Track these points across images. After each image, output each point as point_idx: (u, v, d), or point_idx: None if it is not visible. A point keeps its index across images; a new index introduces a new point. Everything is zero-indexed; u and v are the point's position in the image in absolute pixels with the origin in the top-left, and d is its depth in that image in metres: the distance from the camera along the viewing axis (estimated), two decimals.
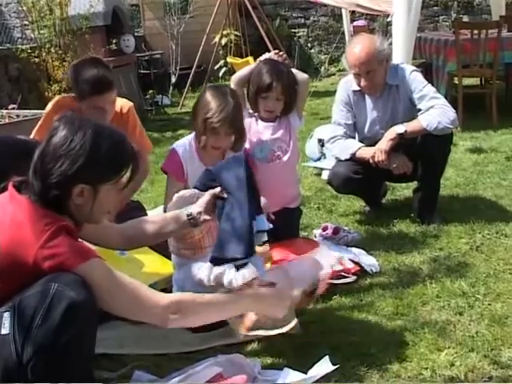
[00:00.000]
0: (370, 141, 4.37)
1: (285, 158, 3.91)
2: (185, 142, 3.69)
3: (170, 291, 3.18)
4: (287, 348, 2.86)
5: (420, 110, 4.24)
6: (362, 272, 3.64)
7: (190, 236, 3.03)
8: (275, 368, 2.71)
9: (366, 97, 4.41)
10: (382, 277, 3.62)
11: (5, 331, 2.03)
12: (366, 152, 4.26)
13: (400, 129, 4.16)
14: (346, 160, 4.35)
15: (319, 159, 5.91)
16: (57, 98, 4.00)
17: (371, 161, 4.19)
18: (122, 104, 4.05)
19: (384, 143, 4.17)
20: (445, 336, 2.94)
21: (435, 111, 4.18)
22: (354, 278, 3.55)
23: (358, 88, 4.37)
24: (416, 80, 4.30)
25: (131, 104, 4.16)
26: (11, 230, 2.11)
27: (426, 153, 4.19)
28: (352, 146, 4.35)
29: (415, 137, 4.20)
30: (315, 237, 4.08)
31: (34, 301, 2.04)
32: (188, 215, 2.76)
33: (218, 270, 2.66)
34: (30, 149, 2.36)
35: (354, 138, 4.47)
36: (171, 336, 3.05)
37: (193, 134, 3.66)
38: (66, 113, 2.37)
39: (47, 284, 2.05)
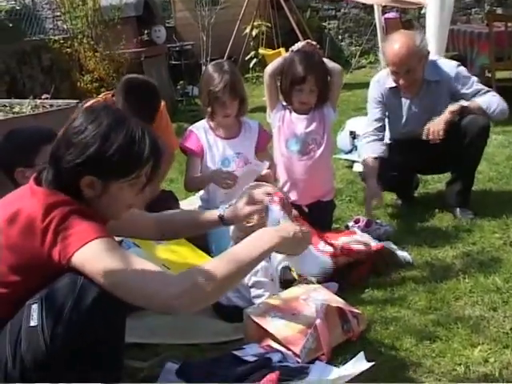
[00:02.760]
0: (405, 136, 4.34)
1: (319, 151, 3.92)
2: (200, 123, 3.90)
3: None
4: None
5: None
6: (393, 265, 3.63)
7: (251, 229, 3.10)
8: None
9: (402, 94, 4.35)
10: (414, 270, 3.58)
11: (33, 323, 2.03)
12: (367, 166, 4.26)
13: (464, 102, 4.13)
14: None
15: (351, 151, 5.87)
16: (85, 105, 3.98)
17: (424, 135, 4.11)
18: None
19: (445, 115, 4.10)
20: (478, 332, 2.90)
21: (493, 98, 4.18)
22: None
23: (393, 85, 4.30)
24: (463, 75, 4.25)
25: (163, 102, 4.19)
26: (26, 222, 2.08)
27: (464, 142, 4.13)
28: (365, 154, 4.31)
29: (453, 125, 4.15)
30: (347, 229, 4.05)
31: (62, 293, 2.03)
32: (220, 216, 2.74)
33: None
34: (54, 136, 2.37)
35: (384, 131, 4.44)
36: (204, 325, 3.06)
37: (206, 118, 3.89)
38: (94, 102, 2.35)
39: (75, 276, 2.04)
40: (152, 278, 2.04)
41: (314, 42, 4.01)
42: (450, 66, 4.28)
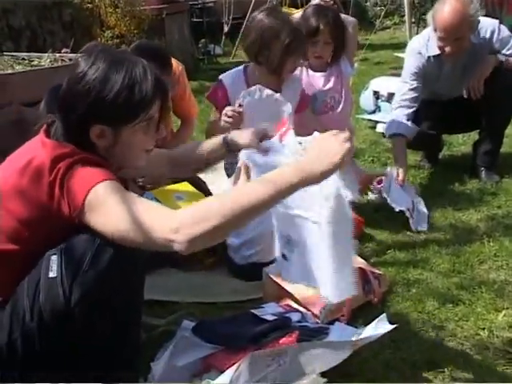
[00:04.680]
0: (439, 96, 4.29)
1: (338, 109, 3.83)
2: (233, 73, 3.62)
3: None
4: None
5: None
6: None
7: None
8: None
9: (445, 61, 4.18)
10: (437, 233, 3.53)
11: (52, 274, 1.99)
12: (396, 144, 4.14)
13: (501, 57, 4.05)
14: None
15: (374, 112, 5.78)
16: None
17: (465, 93, 4.07)
18: (173, 66, 3.94)
19: (483, 70, 4.04)
20: (503, 296, 2.85)
21: None
22: None
23: (435, 52, 4.13)
24: (504, 35, 4.14)
25: (182, 66, 4.09)
26: (35, 172, 2.02)
27: (494, 100, 4.04)
28: (395, 129, 4.16)
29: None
30: (369, 190, 4.00)
31: (81, 245, 1.99)
32: (224, 138, 2.57)
33: None
34: None
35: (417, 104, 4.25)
36: (222, 284, 3.03)
37: (241, 67, 3.62)
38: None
39: (92, 236, 1.98)
40: (152, 214, 1.91)
41: None
42: (491, 25, 4.15)
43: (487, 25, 4.13)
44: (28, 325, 2.02)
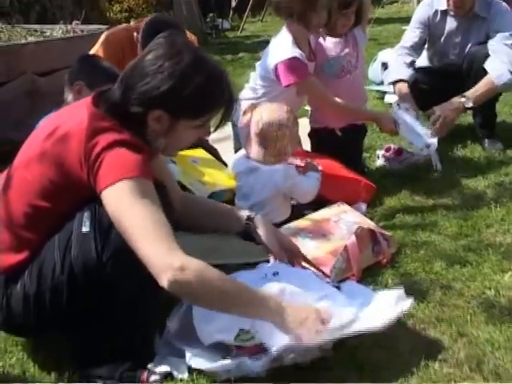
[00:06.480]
0: (439, 58, 4.46)
1: (354, 74, 3.89)
2: (294, 50, 3.57)
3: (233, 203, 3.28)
4: None
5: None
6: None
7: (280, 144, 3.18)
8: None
9: (448, 19, 4.35)
10: (445, 198, 3.58)
11: (85, 229, 2.05)
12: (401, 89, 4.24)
13: (467, 104, 4.06)
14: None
15: (382, 83, 5.79)
16: (107, 33, 3.94)
17: (433, 133, 3.96)
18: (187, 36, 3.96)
19: (446, 115, 4.03)
20: (509, 258, 2.89)
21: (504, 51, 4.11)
22: None
23: (443, 7, 4.32)
24: (508, 22, 4.20)
25: (194, 37, 4.12)
26: (68, 137, 2.07)
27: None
28: (396, 75, 4.33)
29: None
30: (378, 157, 4.06)
31: None
32: (249, 216, 2.64)
33: None
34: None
35: (418, 55, 4.48)
36: (233, 246, 3.05)
37: (284, 30, 3.64)
38: (174, 31, 2.33)
39: None
40: (159, 241, 1.99)
41: None
42: (501, 6, 4.27)
43: (497, 6, 4.25)
44: (58, 277, 2.08)
